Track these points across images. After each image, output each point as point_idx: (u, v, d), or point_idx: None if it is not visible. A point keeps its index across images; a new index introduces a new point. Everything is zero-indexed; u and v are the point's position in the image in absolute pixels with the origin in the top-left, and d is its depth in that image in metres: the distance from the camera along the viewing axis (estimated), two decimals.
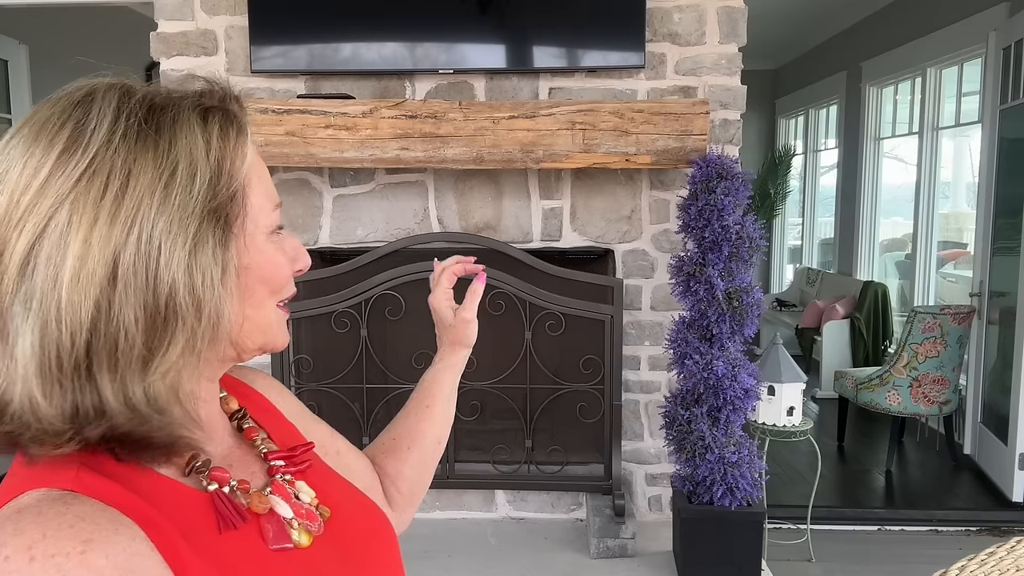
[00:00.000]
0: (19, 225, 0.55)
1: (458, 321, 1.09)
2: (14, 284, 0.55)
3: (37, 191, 0.56)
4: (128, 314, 0.56)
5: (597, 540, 2.89)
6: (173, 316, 0.57)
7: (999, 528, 3.55)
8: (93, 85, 0.62)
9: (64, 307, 0.55)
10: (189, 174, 0.58)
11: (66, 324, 0.55)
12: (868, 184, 6.14)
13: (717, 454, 2.60)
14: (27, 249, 0.55)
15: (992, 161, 3.99)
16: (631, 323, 3.17)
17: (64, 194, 0.55)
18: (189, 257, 0.57)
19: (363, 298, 3.03)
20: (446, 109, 2.83)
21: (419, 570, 2.81)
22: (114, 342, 0.56)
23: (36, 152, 0.57)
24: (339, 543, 0.71)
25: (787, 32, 6.93)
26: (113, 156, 0.56)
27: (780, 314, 7.02)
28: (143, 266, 0.56)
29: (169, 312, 0.57)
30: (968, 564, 1.33)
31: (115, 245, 0.55)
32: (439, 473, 3.13)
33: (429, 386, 1.08)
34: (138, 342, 0.56)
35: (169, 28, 3.11)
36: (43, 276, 0.55)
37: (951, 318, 4.13)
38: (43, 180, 0.56)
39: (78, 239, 0.55)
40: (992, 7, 4.29)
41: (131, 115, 0.59)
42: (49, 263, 0.55)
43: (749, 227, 2.62)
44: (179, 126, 0.60)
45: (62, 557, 0.51)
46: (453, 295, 1.13)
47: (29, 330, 0.54)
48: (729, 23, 3.03)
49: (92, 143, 0.57)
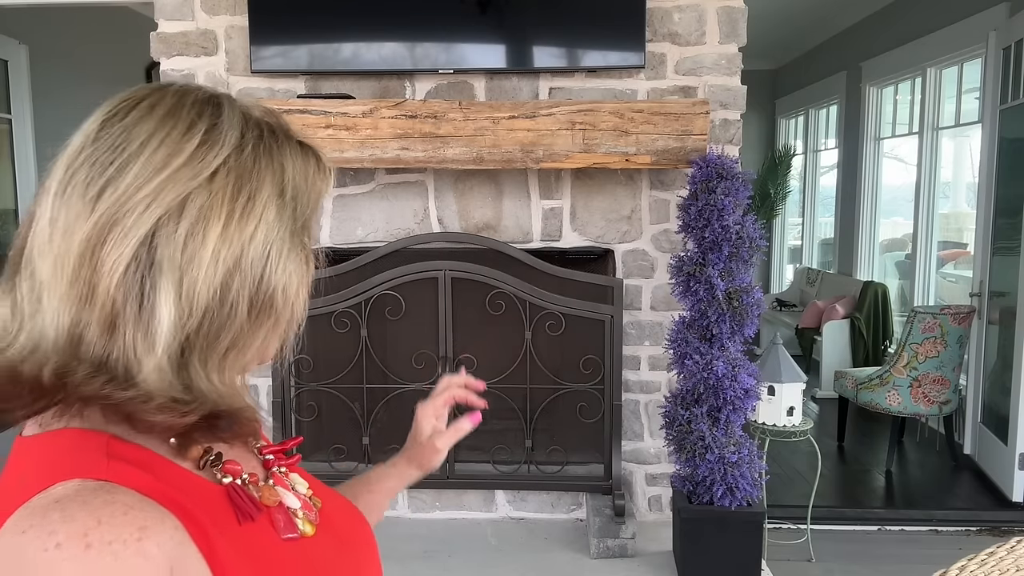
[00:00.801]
0: (150, 199, 0.58)
1: (428, 444, 1.14)
2: (138, 254, 0.58)
3: (174, 172, 0.59)
4: (239, 303, 0.61)
5: (597, 540, 2.90)
6: (268, 311, 0.64)
7: (999, 528, 3.55)
8: (211, 90, 0.68)
9: (193, 285, 0.59)
10: (293, 194, 0.65)
11: (191, 301, 0.59)
12: (868, 184, 6.14)
13: (717, 454, 2.60)
14: (154, 223, 0.58)
15: (992, 161, 3.99)
16: (631, 323, 3.17)
17: (202, 183, 0.60)
18: (287, 263, 0.64)
19: (363, 298, 3.03)
20: (446, 109, 2.83)
21: (419, 570, 2.81)
22: (220, 325, 0.61)
23: (174, 135, 0.61)
24: (333, 531, 0.75)
25: (787, 32, 6.92)
26: (244, 162, 0.62)
27: (780, 314, 7.02)
28: (259, 264, 0.62)
29: (264, 307, 0.63)
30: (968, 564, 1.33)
31: (243, 240, 0.61)
32: (439, 473, 3.13)
33: (378, 477, 1.10)
34: (235, 329, 0.62)
35: (169, 28, 3.11)
36: (178, 253, 0.58)
37: (951, 318, 4.13)
38: (182, 163, 0.60)
39: (217, 226, 0.60)
40: (992, 7, 4.29)
41: (254, 129, 0.65)
42: (189, 243, 0.59)
43: (749, 227, 2.62)
44: (288, 151, 0.67)
45: (119, 544, 0.52)
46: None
47: (165, 303, 0.58)
48: (729, 23, 3.03)
49: (226, 145, 0.62)
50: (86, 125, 0.64)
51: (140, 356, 0.58)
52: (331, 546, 0.74)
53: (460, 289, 3.03)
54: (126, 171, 0.59)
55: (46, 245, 0.59)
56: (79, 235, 0.58)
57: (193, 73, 3.11)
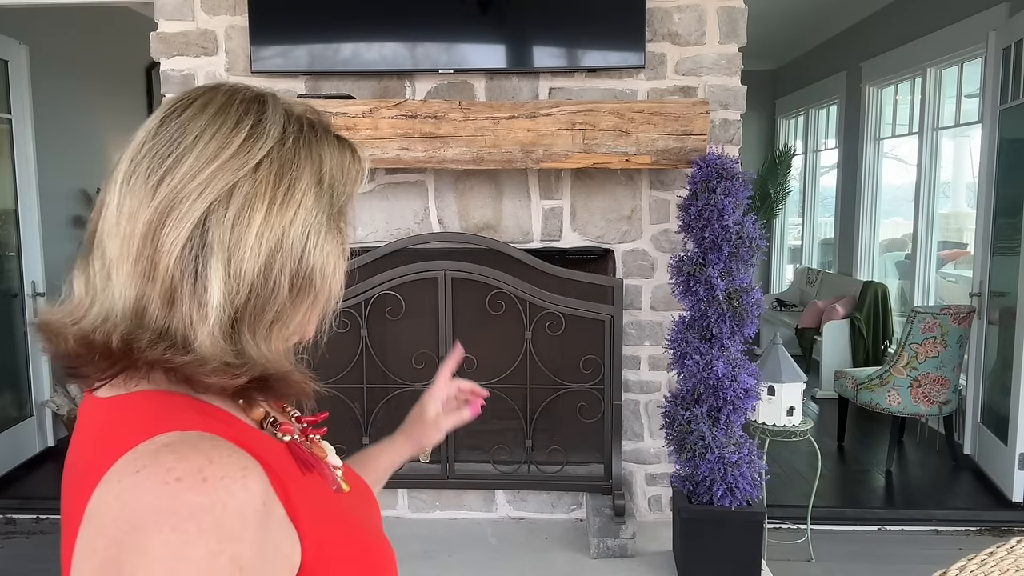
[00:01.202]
0: (202, 187, 0.66)
1: (431, 423, 1.25)
2: (192, 236, 0.65)
3: (223, 163, 0.67)
4: (281, 280, 0.68)
5: (597, 540, 2.90)
6: (307, 288, 0.71)
7: (999, 528, 3.55)
8: (258, 90, 0.75)
9: (240, 264, 0.66)
10: (330, 183, 0.72)
11: (238, 278, 0.66)
12: (868, 184, 6.14)
13: (717, 454, 2.60)
14: (206, 208, 0.66)
15: (992, 161, 3.99)
16: (631, 323, 3.17)
17: (247, 173, 0.67)
18: (325, 244, 0.71)
19: (363, 298, 3.03)
20: (446, 109, 2.83)
21: (419, 570, 2.81)
22: (265, 301, 0.68)
23: (223, 130, 0.68)
24: (357, 492, 0.85)
25: (787, 32, 6.93)
26: (285, 154, 0.69)
27: (780, 314, 7.02)
28: (299, 245, 0.69)
29: (304, 284, 0.70)
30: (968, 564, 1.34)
31: (284, 224, 0.68)
32: (439, 473, 3.14)
33: (376, 454, 1.24)
34: (278, 304, 0.69)
35: (169, 28, 3.11)
36: (226, 236, 0.66)
37: (951, 318, 4.13)
38: (230, 155, 0.67)
39: (261, 211, 0.67)
40: (992, 7, 4.29)
41: (295, 124, 0.72)
42: (236, 226, 0.66)
43: (749, 227, 2.63)
44: (327, 144, 0.74)
45: (229, 479, 0.59)
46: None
47: (216, 279, 0.66)
48: (729, 23, 3.03)
49: (269, 139, 0.69)
50: (148, 122, 0.71)
51: (195, 325, 0.66)
52: (362, 503, 0.85)
53: (460, 289, 3.03)
54: (182, 162, 0.67)
55: (114, 228, 0.67)
56: (142, 219, 0.66)
57: (193, 73, 3.11)
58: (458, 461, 3.14)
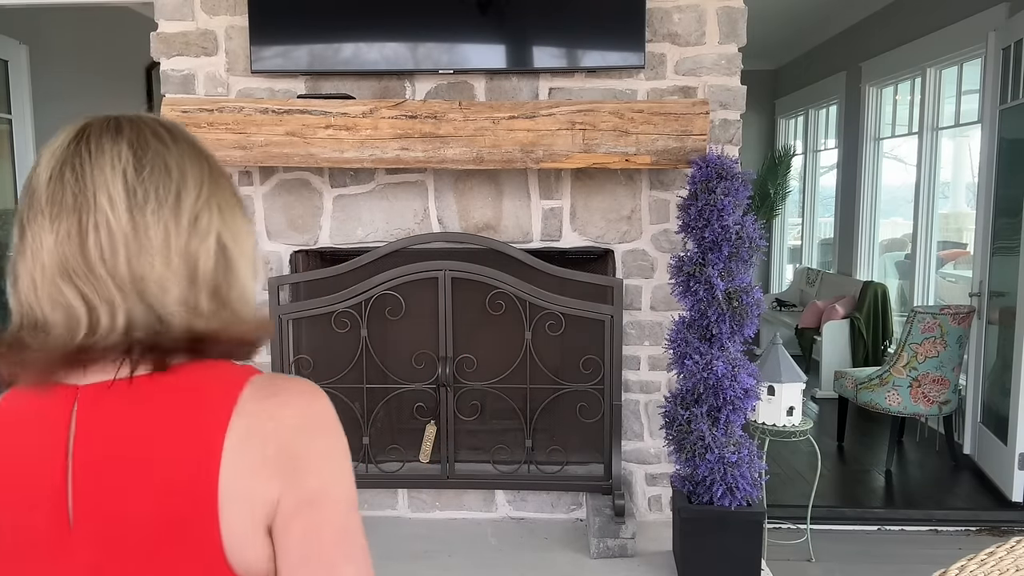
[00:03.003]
0: (207, 205, 0.83)
1: None
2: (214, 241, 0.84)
3: (208, 186, 0.83)
4: (238, 262, 0.86)
5: (597, 540, 2.90)
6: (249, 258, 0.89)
7: (999, 528, 3.55)
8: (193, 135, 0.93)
9: (228, 255, 0.83)
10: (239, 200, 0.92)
11: (226, 267, 0.84)
12: (868, 184, 6.14)
13: (717, 454, 2.60)
14: (220, 222, 0.84)
15: (992, 161, 4.00)
16: (631, 323, 3.17)
17: (218, 192, 0.85)
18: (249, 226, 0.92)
19: (363, 298, 3.03)
20: (446, 109, 2.83)
21: (419, 570, 2.81)
22: (233, 278, 0.84)
23: (203, 164, 0.85)
24: None
25: (787, 32, 6.93)
26: (222, 180, 0.87)
27: (780, 314, 7.02)
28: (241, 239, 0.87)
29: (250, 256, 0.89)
30: (968, 564, 1.34)
31: (240, 224, 0.87)
32: (439, 473, 3.14)
33: None
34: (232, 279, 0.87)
35: (169, 28, 3.11)
36: (221, 234, 0.83)
37: (951, 318, 4.13)
38: (209, 181, 0.84)
39: (237, 216, 0.86)
40: (992, 7, 4.29)
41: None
42: (225, 230, 0.83)
43: (749, 227, 2.63)
44: None
45: (326, 400, 0.82)
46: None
47: (237, 274, 0.85)
48: (729, 23, 3.03)
49: (216, 169, 0.87)
50: (121, 162, 0.82)
51: (243, 308, 0.88)
52: None
53: (460, 289, 3.03)
54: (187, 188, 0.84)
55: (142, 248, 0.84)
56: (174, 237, 0.84)
57: (193, 73, 3.12)
58: (458, 461, 3.14)
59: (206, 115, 2.82)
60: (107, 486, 0.75)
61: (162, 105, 2.89)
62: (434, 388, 3.08)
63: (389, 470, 3.15)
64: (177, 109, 2.83)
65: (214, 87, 3.13)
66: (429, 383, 3.09)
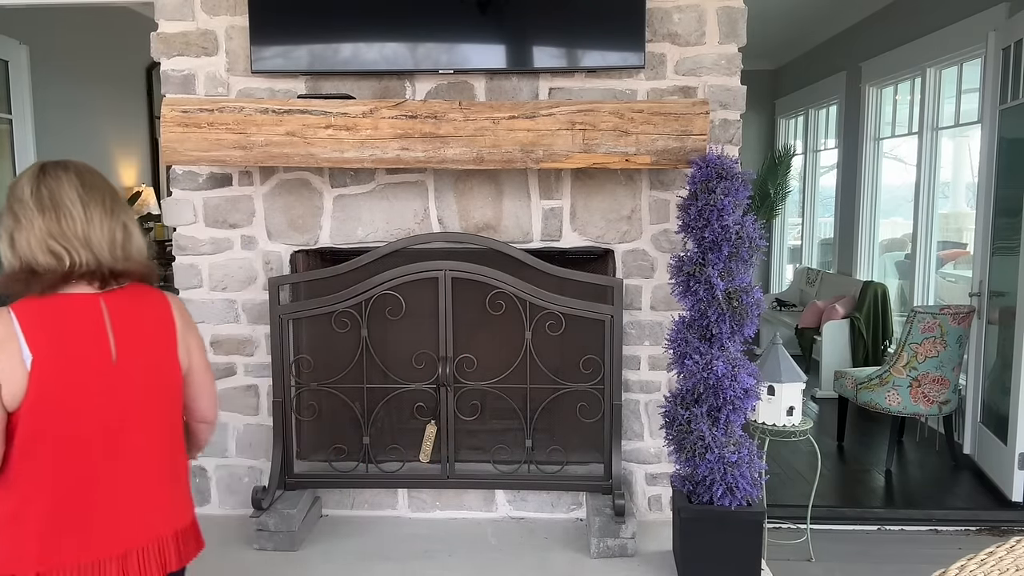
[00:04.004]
0: (115, 204, 1.61)
1: None
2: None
3: (113, 195, 1.63)
4: (134, 234, 1.68)
5: (597, 540, 2.90)
6: None
7: (999, 528, 3.55)
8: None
9: (128, 230, 1.63)
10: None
11: (127, 237, 1.63)
12: (868, 184, 6.15)
13: (717, 454, 2.61)
14: (118, 212, 1.62)
15: (992, 161, 4.00)
16: (631, 323, 3.17)
17: (119, 198, 1.66)
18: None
19: (363, 298, 3.03)
20: (446, 109, 2.83)
21: (419, 570, 2.82)
22: (131, 243, 1.65)
23: (109, 184, 1.66)
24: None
25: (787, 32, 6.93)
26: (118, 193, 1.71)
27: (780, 314, 7.02)
28: None
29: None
30: (968, 564, 1.34)
31: (131, 215, 1.70)
32: (439, 473, 3.14)
33: None
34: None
35: (169, 28, 3.11)
36: (124, 220, 1.61)
37: (951, 318, 4.14)
38: (113, 193, 1.65)
39: (130, 211, 1.66)
40: (992, 7, 4.29)
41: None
42: (127, 218, 1.62)
43: (749, 227, 2.63)
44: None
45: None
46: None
47: (133, 241, 1.63)
48: (729, 23, 3.03)
49: (114, 187, 1.70)
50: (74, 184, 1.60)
51: (90, 256, 1.58)
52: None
53: (460, 289, 3.03)
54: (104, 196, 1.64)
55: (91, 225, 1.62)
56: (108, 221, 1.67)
57: (193, 73, 3.12)
58: (458, 461, 3.14)
59: (206, 115, 2.82)
60: (130, 336, 1.57)
61: (162, 105, 2.89)
62: (434, 388, 3.08)
63: (389, 470, 3.15)
64: (177, 109, 2.83)
65: (214, 87, 3.13)
66: (429, 383, 3.09)
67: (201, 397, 1.74)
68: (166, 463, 1.63)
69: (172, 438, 1.65)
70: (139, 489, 1.58)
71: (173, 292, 1.81)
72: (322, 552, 2.95)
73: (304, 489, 3.16)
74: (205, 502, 3.32)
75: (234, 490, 3.31)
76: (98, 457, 1.52)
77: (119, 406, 1.54)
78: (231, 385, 3.27)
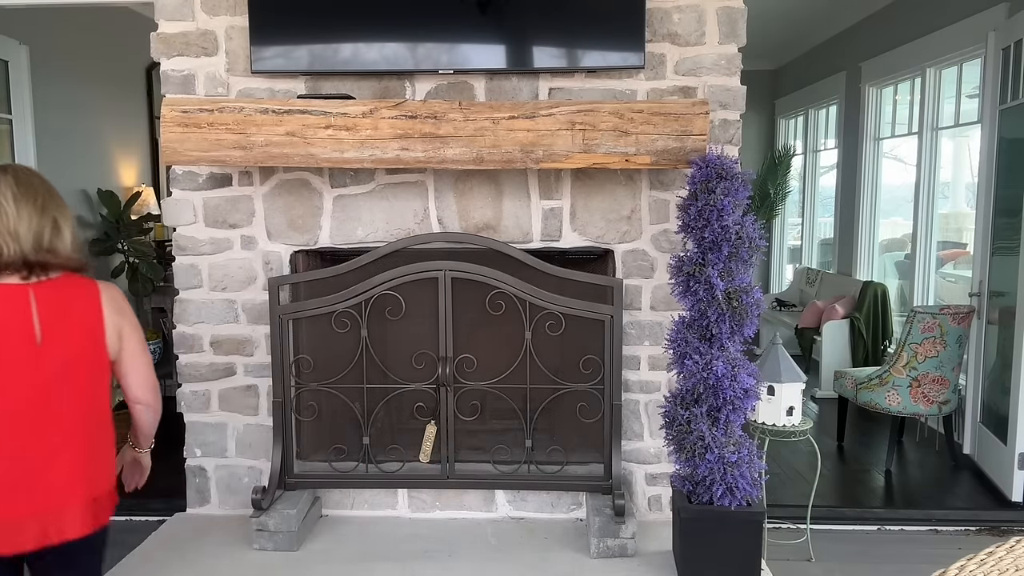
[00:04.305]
0: (48, 203, 1.86)
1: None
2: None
3: (47, 195, 1.88)
4: (64, 230, 1.91)
5: (597, 540, 2.90)
6: None
7: (999, 528, 3.55)
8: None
9: (58, 226, 1.86)
10: None
11: (57, 232, 1.86)
12: (868, 184, 6.15)
13: (717, 454, 2.61)
14: (49, 210, 1.86)
15: (992, 161, 4.00)
16: (631, 323, 3.17)
17: (53, 197, 1.89)
18: None
19: (363, 298, 3.03)
20: (446, 109, 2.83)
21: (419, 570, 2.82)
22: (60, 238, 1.87)
23: (45, 185, 1.91)
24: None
25: (787, 32, 6.93)
26: (54, 191, 1.93)
27: (780, 314, 7.02)
28: None
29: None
30: (968, 564, 1.34)
31: (65, 212, 1.94)
32: (439, 473, 3.14)
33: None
34: None
35: (169, 28, 3.11)
36: (56, 217, 1.85)
37: (951, 318, 4.14)
38: (48, 193, 1.88)
39: (63, 209, 1.89)
40: (992, 7, 4.29)
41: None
42: (58, 215, 1.86)
43: (749, 227, 2.63)
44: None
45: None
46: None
47: (63, 236, 1.85)
48: (729, 23, 3.03)
49: (51, 188, 1.98)
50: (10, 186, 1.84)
51: (64, 248, 1.89)
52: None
53: (460, 289, 3.03)
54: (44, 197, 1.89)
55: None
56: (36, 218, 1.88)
57: (193, 74, 3.12)
58: (458, 461, 3.15)
59: (206, 115, 2.82)
60: (55, 320, 1.77)
61: (162, 105, 2.89)
62: (434, 388, 3.08)
63: (389, 470, 3.15)
64: (177, 109, 2.83)
65: (214, 87, 3.13)
66: (429, 383, 3.09)
67: (130, 375, 1.94)
68: (87, 434, 1.85)
69: (95, 412, 1.87)
70: (61, 457, 1.80)
71: (108, 281, 2.01)
72: (322, 552, 2.95)
73: (304, 489, 3.16)
74: (205, 502, 3.32)
75: (234, 490, 3.31)
76: (25, 429, 1.75)
77: (43, 383, 1.76)
78: (231, 385, 3.27)
